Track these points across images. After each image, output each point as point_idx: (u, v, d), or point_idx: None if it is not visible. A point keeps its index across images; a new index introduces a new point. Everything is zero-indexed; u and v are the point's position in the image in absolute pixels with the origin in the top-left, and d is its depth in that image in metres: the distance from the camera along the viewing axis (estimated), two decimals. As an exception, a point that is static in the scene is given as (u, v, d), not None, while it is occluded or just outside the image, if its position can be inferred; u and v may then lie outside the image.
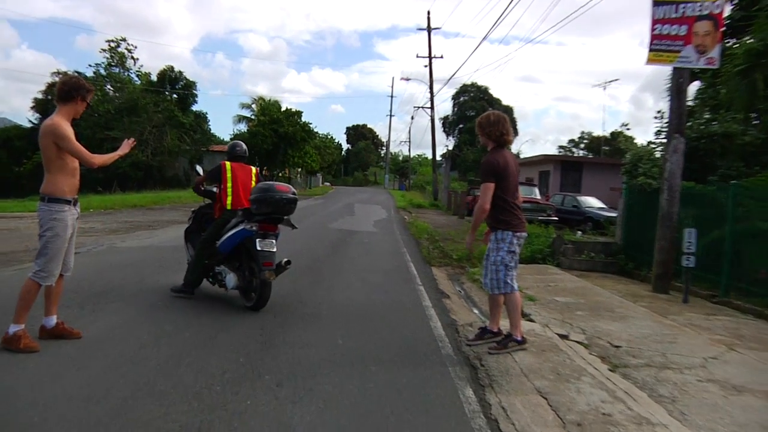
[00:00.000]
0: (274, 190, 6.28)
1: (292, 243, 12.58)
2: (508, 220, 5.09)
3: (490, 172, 5.03)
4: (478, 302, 7.77)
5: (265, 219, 6.31)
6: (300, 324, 5.90)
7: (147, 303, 6.26)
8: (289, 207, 6.33)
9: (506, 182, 5.05)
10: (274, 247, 6.27)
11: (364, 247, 12.80)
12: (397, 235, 16.59)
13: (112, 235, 12.04)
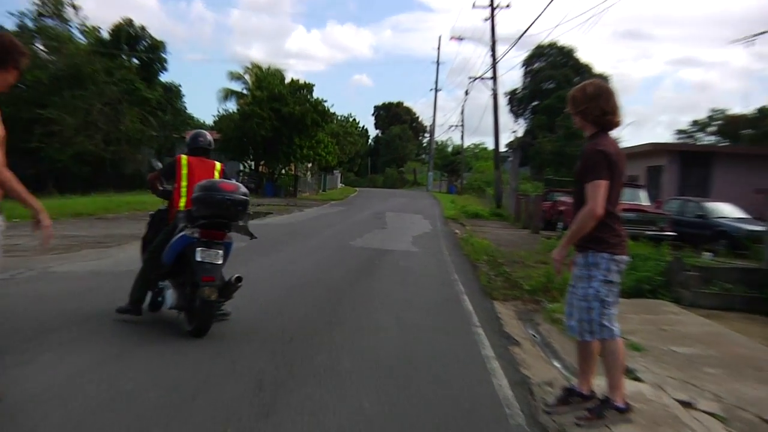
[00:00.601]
0: (217, 189, 6.89)
1: (299, 268, 12.70)
2: (605, 237, 5.06)
3: (601, 164, 5.04)
4: (561, 352, 7.73)
5: (207, 224, 6.93)
6: (311, 380, 5.94)
7: (95, 350, 6.35)
8: (235, 210, 6.90)
9: (612, 182, 5.08)
10: (219, 258, 6.89)
11: (399, 273, 12.91)
12: (445, 256, 16.63)
13: (47, 256, 12.24)
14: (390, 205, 42.26)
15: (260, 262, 13.25)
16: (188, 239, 7.01)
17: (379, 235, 20.87)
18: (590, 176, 4.97)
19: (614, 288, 5.14)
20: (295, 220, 26.43)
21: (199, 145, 7.84)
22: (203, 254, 6.90)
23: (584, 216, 5.00)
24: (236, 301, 8.85)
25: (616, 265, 5.09)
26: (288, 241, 17.58)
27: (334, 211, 33.95)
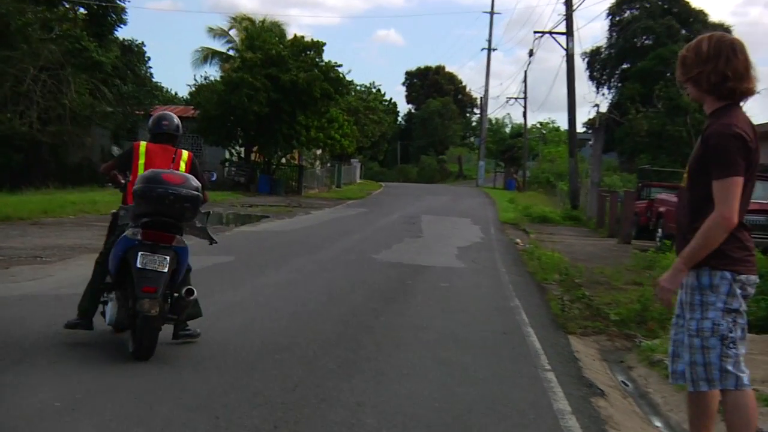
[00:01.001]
0: (158, 181, 7.38)
1: (306, 290, 12.74)
2: (727, 249, 4.98)
3: (736, 154, 4.94)
4: (663, 406, 7.68)
5: (150, 224, 7.45)
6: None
7: (28, 409, 6.39)
8: (181, 207, 7.44)
9: (748, 175, 4.99)
10: (164, 266, 7.37)
11: (440, 298, 12.91)
12: (501, 273, 16.66)
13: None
14: (427, 205, 42.21)
15: (255, 282, 13.32)
16: (129, 242, 7.46)
17: (413, 246, 20.93)
18: (720, 171, 4.85)
19: (740, 319, 5.05)
20: (299, 225, 26.50)
21: (163, 131, 8.36)
22: (144, 260, 7.32)
23: (713, 226, 4.90)
24: (224, 334, 8.93)
25: (741, 288, 5.02)
26: (291, 255, 17.65)
27: (353, 214, 33.99)
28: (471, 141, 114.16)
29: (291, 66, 45.67)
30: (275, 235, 22.50)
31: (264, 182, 47.70)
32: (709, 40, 5.08)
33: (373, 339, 9.43)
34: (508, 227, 31.44)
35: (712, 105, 5.12)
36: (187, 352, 8.14)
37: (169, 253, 7.50)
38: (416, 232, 25.56)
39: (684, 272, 5.08)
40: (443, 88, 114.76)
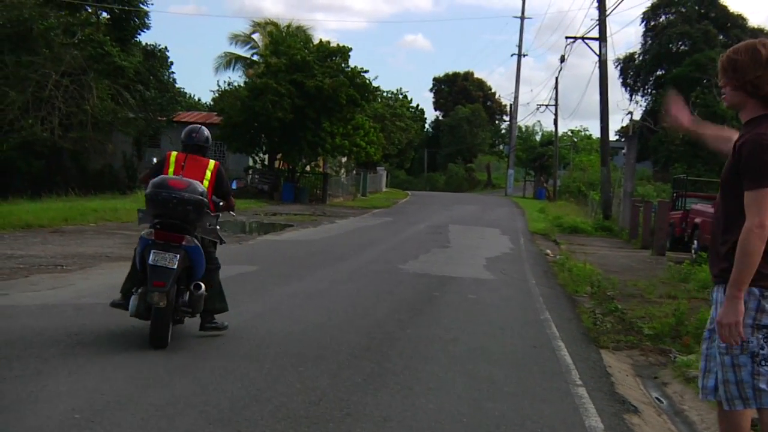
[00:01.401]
0: (164, 186, 8.70)
1: (330, 301, 12.78)
2: (763, 262, 4.97)
3: (763, 164, 4.90)
4: (698, 424, 7.66)
5: (160, 224, 8.75)
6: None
7: (48, 420, 6.38)
8: (183, 210, 8.69)
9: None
10: (173, 263, 8.55)
11: (468, 310, 12.93)
12: (531, 286, 16.63)
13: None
14: (455, 214, 42.18)
15: (278, 292, 13.36)
16: (145, 241, 8.70)
17: (440, 257, 20.92)
18: (753, 181, 4.81)
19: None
20: (324, 234, 26.53)
21: (194, 142, 9.61)
22: (156, 257, 8.52)
23: (748, 237, 4.83)
24: (247, 345, 8.98)
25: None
26: (315, 265, 17.67)
27: (378, 223, 34.01)
28: (500, 149, 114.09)
29: (316, 71, 45.77)
30: (299, 244, 22.54)
31: (288, 190, 47.81)
32: (764, 46, 5.03)
33: (399, 352, 9.43)
34: (538, 238, 31.37)
35: (752, 112, 5.06)
36: (210, 363, 8.19)
37: (179, 251, 8.63)
38: (443, 243, 25.55)
39: (740, 298, 4.94)
40: (472, 94, 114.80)
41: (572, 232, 34.14)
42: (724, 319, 4.89)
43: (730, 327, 4.87)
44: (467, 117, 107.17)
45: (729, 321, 4.88)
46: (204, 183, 9.26)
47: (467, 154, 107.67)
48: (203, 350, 8.80)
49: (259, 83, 45.39)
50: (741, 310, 4.91)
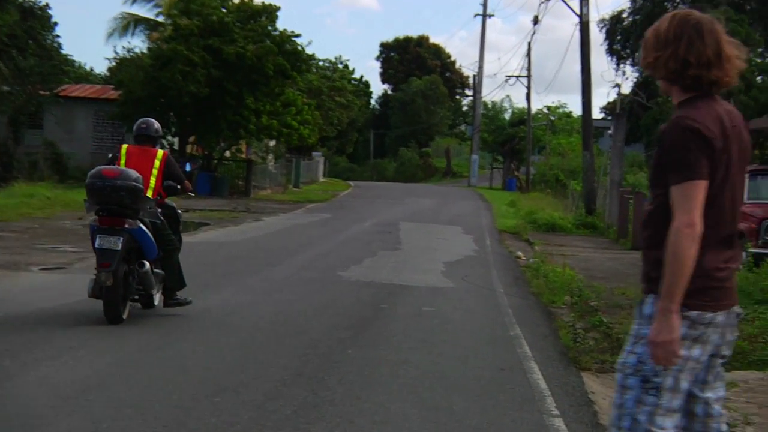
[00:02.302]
0: (99, 176, 11.38)
1: (254, 316, 12.74)
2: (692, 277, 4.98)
3: (692, 152, 4.92)
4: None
5: (102, 211, 11.45)
6: None
7: None
8: (118, 196, 11.26)
9: (714, 182, 4.94)
10: (117, 245, 11.22)
11: (423, 326, 12.90)
12: (499, 295, 16.73)
13: None
14: (407, 209, 42.27)
15: (190, 307, 13.25)
16: (93, 227, 11.50)
17: (390, 261, 21.00)
18: (677, 174, 4.88)
19: (676, 367, 5.03)
20: (248, 235, 26.48)
21: (143, 133, 12.52)
22: (101, 240, 11.24)
23: (676, 240, 4.87)
24: (152, 373, 8.93)
25: (689, 327, 4.98)
26: (236, 272, 17.65)
27: (314, 221, 34.00)
28: (462, 130, 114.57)
29: (237, 36, 45.59)
30: (217, 247, 22.44)
31: (203, 181, 47.34)
32: (671, 20, 5.14)
33: (338, 377, 9.39)
34: (508, 237, 31.50)
35: (678, 97, 5.20)
36: (107, 394, 8.15)
37: (123, 234, 11.31)
38: (394, 244, 25.64)
39: (673, 311, 4.95)
40: (427, 63, 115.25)
41: (549, 230, 34.33)
42: (658, 337, 4.93)
43: (665, 346, 4.91)
44: (422, 91, 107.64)
45: (663, 339, 4.92)
46: (153, 171, 12.15)
47: (422, 137, 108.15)
48: (97, 381, 8.71)
49: (166, 50, 45.02)
50: (677, 325, 4.93)
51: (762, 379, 10.03)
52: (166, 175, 12.44)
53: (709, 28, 5.08)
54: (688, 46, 5.05)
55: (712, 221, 4.96)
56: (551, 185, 61.45)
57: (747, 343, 11.22)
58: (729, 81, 5.11)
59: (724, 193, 5.00)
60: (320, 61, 76.35)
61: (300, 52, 49.13)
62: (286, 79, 48.30)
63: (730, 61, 5.06)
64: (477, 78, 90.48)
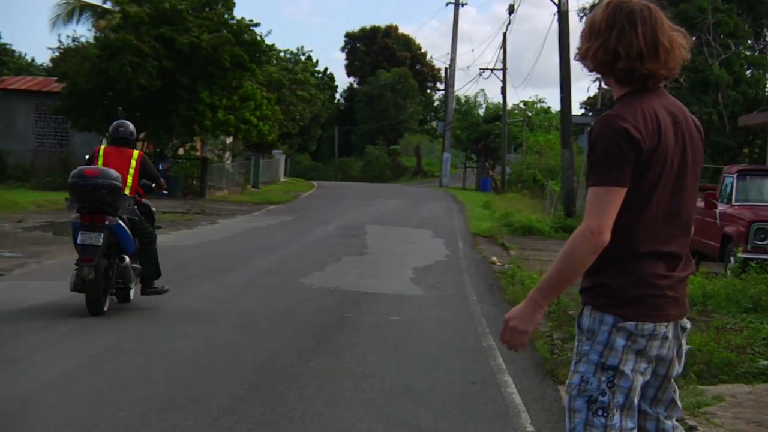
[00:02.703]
0: (80, 175, 12.91)
1: (208, 327, 12.72)
2: (616, 286, 4.99)
3: (614, 155, 4.88)
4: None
5: (83, 208, 12.86)
6: None
7: None
8: (99, 194, 12.75)
9: (647, 182, 4.98)
10: (98, 241, 12.62)
11: (389, 335, 12.94)
12: (472, 303, 16.74)
13: None
14: (374, 211, 42.22)
15: (139, 315, 13.31)
16: (74, 224, 12.90)
17: (355, 267, 20.99)
18: (595, 176, 4.89)
19: (623, 381, 5.02)
20: (203, 239, 26.41)
21: (120, 136, 14.25)
22: (83, 237, 12.62)
23: (576, 242, 4.93)
24: (97, 386, 8.93)
25: (629, 340, 5.01)
26: (189, 279, 17.63)
27: (274, 224, 33.91)
28: (433, 126, 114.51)
29: (191, 24, 45.36)
30: (169, 251, 22.26)
31: (154, 180, 47.28)
32: (605, 8, 5.11)
33: (298, 392, 9.39)
34: (482, 241, 31.54)
35: (616, 92, 5.21)
36: (45, 411, 8.11)
37: (103, 230, 12.72)
38: (359, 248, 25.62)
39: (542, 306, 5.08)
40: (396, 55, 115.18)
41: (525, 234, 34.31)
42: (514, 321, 5.01)
43: (516, 332, 5.01)
44: (390, 84, 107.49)
45: (518, 326, 5.01)
46: (130, 171, 13.74)
47: (391, 133, 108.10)
48: (38, 398, 8.67)
49: (115, 39, 44.73)
50: (537, 320, 5.02)
51: (750, 393, 10.07)
52: (142, 174, 14.14)
53: (644, 16, 5.03)
54: (618, 36, 5.03)
55: (646, 225, 4.99)
56: (528, 185, 61.56)
57: (734, 354, 11.25)
58: (667, 74, 5.08)
59: (660, 195, 5.00)
60: (281, 52, 76.49)
61: (259, 42, 48.89)
62: (244, 71, 48.11)
63: (670, 53, 5.02)
64: (449, 71, 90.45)
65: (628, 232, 4.92)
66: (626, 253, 4.94)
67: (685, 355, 5.20)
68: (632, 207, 4.91)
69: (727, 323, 13.51)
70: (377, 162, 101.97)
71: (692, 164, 5.14)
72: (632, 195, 4.90)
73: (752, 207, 20.87)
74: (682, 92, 49.18)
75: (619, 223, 4.88)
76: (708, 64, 46.69)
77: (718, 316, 14.49)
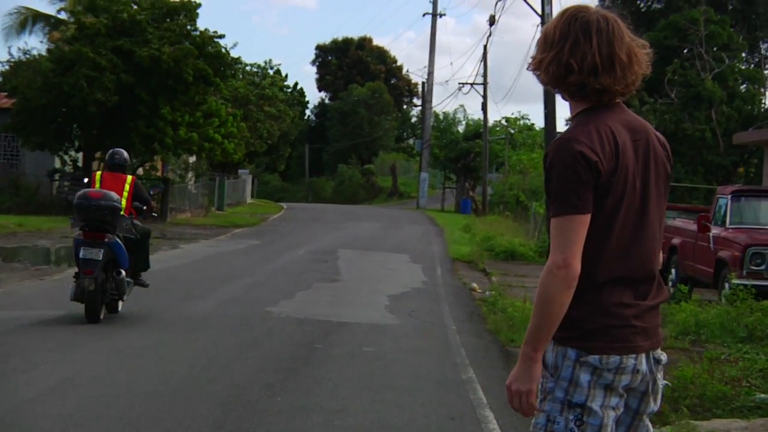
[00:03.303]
0: (85, 197, 15.32)
1: (175, 355, 12.71)
2: (578, 317, 4.97)
3: (571, 180, 4.84)
4: None
5: (86, 226, 15.28)
6: None
7: None
8: (101, 214, 15.21)
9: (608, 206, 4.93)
10: (99, 255, 14.98)
11: (363, 368, 12.95)
12: (451, 333, 16.79)
13: None
14: (347, 235, 42.29)
15: (93, 347, 13.28)
16: (77, 241, 15.41)
17: (326, 295, 20.99)
18: (555, 205, 4.84)
19: (592, 419, 4.99)
20: (163, 265, 26.29)
21: (115, 162, 16.80)
22: (85, 252, 15.00)
23: (546, 282, 4.82)
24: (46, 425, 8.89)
25: (594, 374, 4.97)
26: (149, 308, 17.59)
27: (240, 249, 33.92)
28: (410, 144, 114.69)
29: (151, 36, 45.29)
30: (127, 279, 22.33)
31: (111, 202, 47.12)
32: (560, 17, 5.05)
33: (265, 428, 9.38)
34: (462, 266, 31.56)
35: (573, 108, 5.15)
36: None
37: (103, 246, 15.18)
38: (331, 275, 25.65)
39: (536, 360, 4.95)
40: (370, 68, 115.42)
41: (508, 259, 34.38)
42: (514, 385, 4.93)
43: (521, 395, 4.92)
44: (364, 100, 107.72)
45: (519, 388, 4.92)
46: (123, 194, 16.08)
47: (365, 152, 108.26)
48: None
49: (69, 52, 44.60)
50: (537, 375, 4.93)
51: (746, 429, 10.09)
52: (135, 197, 16.66)
53: (600, 27, 4.96)
54: (572, 48, 4.95)
55: (609, 251, 4.95)
56: (511, 207, 61.58)
57: (729, 387, 11.28)
58: (624, 90, 5.00)
59: (624, 218, 4.95)
60: (247, 65, 76.54)
61: (224, 55, 48.88)
62: (207, 86, 48.12)
63: (628, 67, 4.95)
64: (426, 85, 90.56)
65: (590, 260, 4.86)
66: (587, 282, 4.87)
67: (661, 391, 5.13)
68: (592, 233, 4.87)
69: (721, 354, 13.55)
70: (350, 182, 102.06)
71: (656, 183, 5.05)
72: (593, 220, 4.85)
73: (748, 230, 20.88)
74: (673, 108, 49.44)
75: (592, 244, 4.86)
76: (700, 79, 46.78)
77: (712, 346, 14.55)
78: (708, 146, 46.80)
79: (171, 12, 47.67)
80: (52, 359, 12.11)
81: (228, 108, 54.68)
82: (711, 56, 48.62)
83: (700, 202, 39.60)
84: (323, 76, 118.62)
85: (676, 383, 10.79)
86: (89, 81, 42.88)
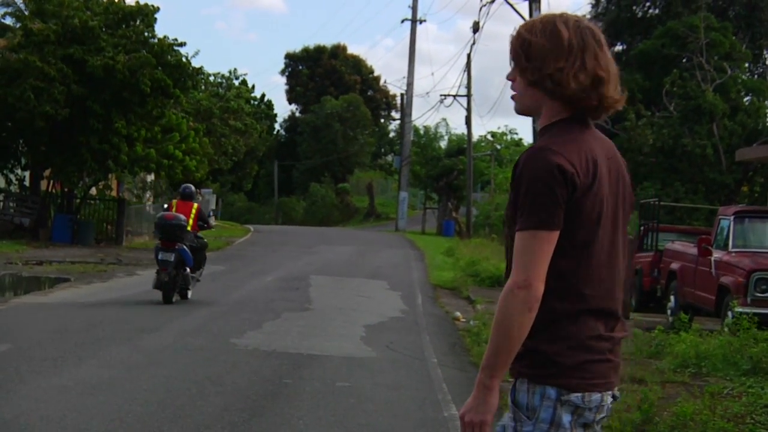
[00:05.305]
0: (161, 218, 25.94)
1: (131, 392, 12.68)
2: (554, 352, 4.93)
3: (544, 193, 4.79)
4: None
5: (163, 237, 25.49)
6: None
7: None
8: (172, 230, 25.03)
9: (585, 225, 4.92)
10: (171, 257, 24.34)
11: (336, 404, 12.97)
12: (432, 366, 16.85)
13: None
14: (320, 260, 42.35)
15: (39, 384, 13.22)
16: (156, 247, 25.26)
17: (297, 325, 21.02)
18: (523, 219, 4.77)
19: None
20: (118, 293, 26.41)
21: (186, 192, 26.79)
22: (162, 255, 24.27)
23: (506, 303, 4.74)
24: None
25: (574, 414, 4.94)
26: (102, 340, 17.54)
27: (204, 275, 33.83)
28: (388, 161, 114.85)
29: (104, 44, 45.17)
30: (78, 309, 22.28)
31: (62, 225, 46.94)
32: (566, 24, 5.00)
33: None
34: (444, 294, 31.60)
35: (548, 117, 5.06)
36: None
37: (174, 251, 24.06)
38: (302, 303, 25.73)
39: (492, 388, 4.86)
40: (345, 79, 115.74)
41: (494, 285, 34.25)
42: (468, 415, 4.87)
43: (474, 427, 4.86)
44: (338, 113, 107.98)
45: (473, 419, 4.86)
46: (191, 216, 25.37)
47: (339, 169, 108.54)
48: None
49: (15, 61, 44.33)
50: (493, 404, 4.86)
51: (750, 470, 10.12)
52: (199, 218, 26.08)
53: (603, 37, 5.09)
54: (595, 58, 4.98)
55: (585, 277, 4.90)
56: (497, 229, 61.66)
57: (732, 424, 11.28)
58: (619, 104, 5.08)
59: (601, 241, 4.93)
60: (210, 75, 76.73)
61: (184, 64, 48.67)
62: (166, 98, 47.97)
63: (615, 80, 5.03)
64: (406, 97, 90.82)
65: (564, 288, 4.84)
66: (561, 311, 4.84)
67: None
68: (567, 256, 4.83)
69: (723, 388, 13.57)
70: (323, 202, 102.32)
71: (623, 208, 5.07)
72: (566, 241, 4.80)
73: (752, 254, 20.89)
74: (671, 122, 49.60)
75: (552, 276, 4.78)
76: (701, 90, 46.95)
77: (714, 379, 14.57)
78: (709, 163, 46.93)
79: (126, 17, 47.48)
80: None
81: (189, 122, 54.65)
82: (712, 66, 48.75)
83: (701, 224, 39.69)
84: (293, 87, 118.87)
85: (675, 420, 10.78)
86: (36, 92, 42.67)
